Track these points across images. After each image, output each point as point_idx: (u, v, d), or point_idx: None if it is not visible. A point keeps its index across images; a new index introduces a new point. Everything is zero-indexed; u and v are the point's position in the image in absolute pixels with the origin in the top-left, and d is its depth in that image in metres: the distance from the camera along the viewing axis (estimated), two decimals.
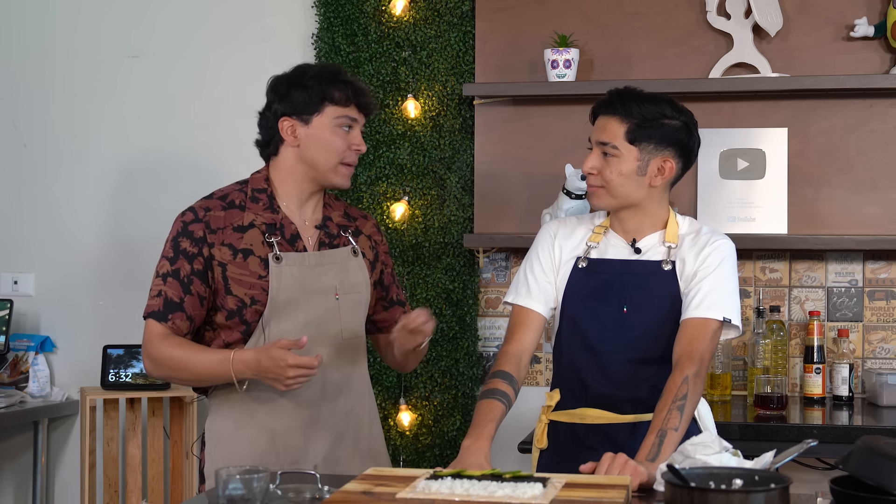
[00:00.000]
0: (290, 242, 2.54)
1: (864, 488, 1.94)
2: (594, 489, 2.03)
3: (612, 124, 2.51)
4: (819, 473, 3.47)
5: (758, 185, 3.66)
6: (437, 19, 3.85)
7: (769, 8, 3.63)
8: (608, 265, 2.55)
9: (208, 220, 2.51)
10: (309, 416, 2.55)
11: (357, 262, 2.62)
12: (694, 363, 2.39)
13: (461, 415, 3.83)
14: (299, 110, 2.54)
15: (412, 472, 2.18)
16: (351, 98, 2.54)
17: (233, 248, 2.50)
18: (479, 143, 3.85)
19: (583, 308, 2.56)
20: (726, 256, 2.52)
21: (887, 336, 3.73)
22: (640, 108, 2.49)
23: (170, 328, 2.48)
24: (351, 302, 2.59)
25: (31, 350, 4.12)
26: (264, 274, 2.48)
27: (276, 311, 2.49)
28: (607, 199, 2.53)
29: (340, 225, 2.64)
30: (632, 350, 2.51)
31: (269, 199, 2.55)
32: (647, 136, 2.49)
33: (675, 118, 2.52)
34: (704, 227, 2.59)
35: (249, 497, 1.95)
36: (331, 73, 2.55)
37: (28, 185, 4.21)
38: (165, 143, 4.13)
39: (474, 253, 3.89)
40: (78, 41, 4.18)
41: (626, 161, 2.49)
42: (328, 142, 2.53)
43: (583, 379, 2.55)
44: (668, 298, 2.50)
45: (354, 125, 2.57)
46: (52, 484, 4.19)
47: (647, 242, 2.56)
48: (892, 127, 3.67)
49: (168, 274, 2.50)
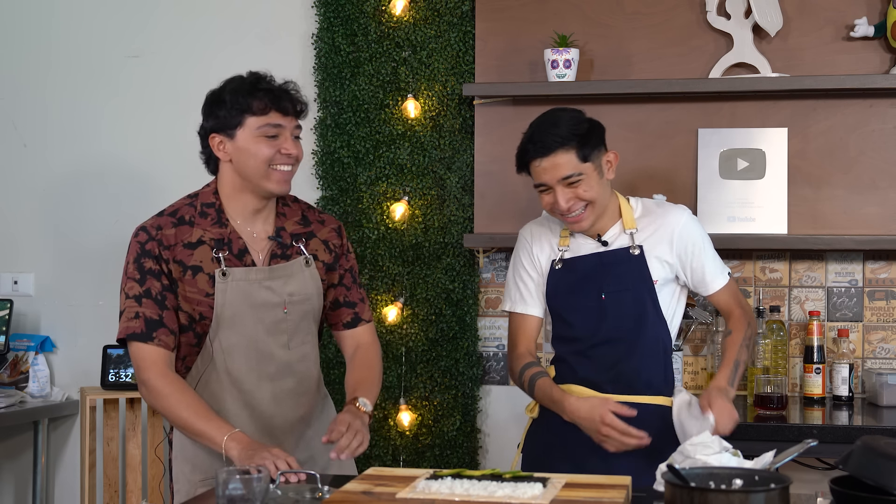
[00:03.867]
0: (237, 257, 2.55)
1: (864, 488, 1.94)
2: (594, 489, 2.04)
3: (561, 159, 2.68)
4: (819, 473, 3.47)
5: (758, 185, 3.66)
6: (437, 19, 3.85)
7: (769, 8, 3.63)
8: (582, 261, 2.80)
9: (160, 238, 2.54)
10: (261, 424, 2.58)
11: (310, 272, 2.62)
12: (746, 312, 2.81)
13: (461, 415, 3.83)
14: (223, 126, 2.56)
15: (412, 472, 2.18)
16: (270, 105, 2.52)
17: (183, 265, 2.52)
18: (479, 143, 3.85)
19: (565, 302, 2.81)
20: (693, 226, 2.80)
21: (887, 336, 3.73)
22: (568, 130, 2.68)
23: (157, 345, 2.49)
24: (300, 312, 2.60)
25: (31, 350, 4.12)
26: (211, 291, 2.51)
27: (223, 325, 2.52)
28: (592, 215, 2.74)
29: (294, 234, 2.64)
30: (610, 332, 2.75)
31: (218, 213, 2.58)
32: (592, 146, 2.71)
33: (583, 120, 2.74)
34: (653, 205, 2.84)
35: (249, 497, 1.95)
36: (249, 84, 2.55)
37: (28, 185, 4.22)
38: (165, 142, 4.12)
39: (474, 253, 3.89)
40: (78, 41, 4.18)
41: (590, 177, 2.70)
42: (253, 152, 2.53)
43: (570, 364, 2.81)
44: (640, 280, 2.75)
45: (281, 130, 2.54)
46: (52, 484, 4.20)
47: (611, 234, 2.80)
48: (892, 127, 3.66)
49: (140, 295, 2.51)
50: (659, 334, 2.78)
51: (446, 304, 3.85)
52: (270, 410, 2.58)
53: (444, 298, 3.85)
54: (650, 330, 2.76)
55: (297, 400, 2.63)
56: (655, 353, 2.78)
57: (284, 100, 2.54)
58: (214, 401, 2.54)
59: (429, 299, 3.85)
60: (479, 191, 3.85)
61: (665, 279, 2.77)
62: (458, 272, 3.85)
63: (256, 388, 2.56)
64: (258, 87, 2.54)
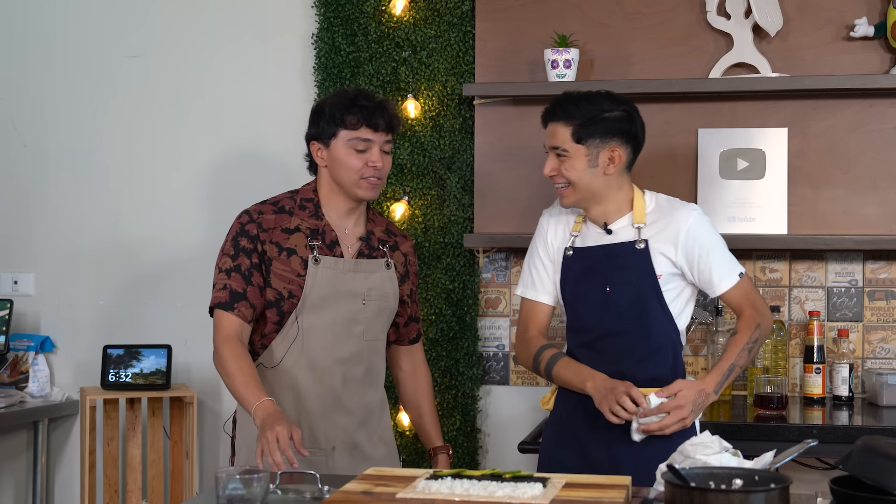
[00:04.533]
0: (329, 247, 2.81)
1: (864, 488, 1.94)
2: (594, 489, 2.04)
3: (559, 129, 2.78)
4: (819, 473, 3.47)
5: (758, 185, 3.66)
6: (437, 19, 3.85)
7: (769, 8, 3.63)
8: (589, 251, 2.83)
9: (261, 221, 2.80)
10: (331, 402, 2.80)
11: (388, 274, 2.88)
12: (758, 312, 2.78)
13: (461, 415, 3.83)
14: (321, 135, 2.82)
15: (412, 472, 2.18)
16: (362, 121, 2.76)
17: (279, 246, 2.78)
18: (479, 143, 3.85)
19: (574, 291, 2.85)
20: (700, 227, 2.79)
21: (887, 336, 3.73)
22: (579, 109, 2.76)
23: (236, 315, 2.72)
24: (376, 308, 2.85)
25: (31, 350, 4.12)
26: (303, 273, 2.76)
27: (309, 307, 2.76)
28: (573, 195, 2.80)
29: (381, 239, 2.91)
30: (614, 325, 2.78)
31: (315, 207, 2.84)
32: (591, 133, 2.75)
33: (613, 110, 2.78)
34: (665, 202, 2.85)
35: (249, 497, 1.95)
36: (348, 99, 2.79)
37: (28, 185, 4.21)
38: (165, 142, 4.13)
39: (474, 253, 3.89)
40: (78, 41, 4.18)
41: (577, 159, 2.76)
42: (344, 162, 2.79)
43: (577, 356, 2.83)
44: (644, 274, 2.76)
45: (370, 144, 2.78)
46: (52, 484, 4.19)
47: (618, 225, 2.82)
48: (892, 127, 3.66)
49: (231, 269, 2.76)
50: (664, 329, 2.78)
51: (446, 304, 3.85)
52: (339, 391, 2.80)
53: (444, 298, 3.85)
54: (655, 325, 2.77)
55: (363, 388, 2.85)
56: (661, 348, 2.78)
57: (377, 116, 2.78)
58: (289, 376, 2.77)
59: (429, 299, 3.85)
60: (479, 191, 3.85)
61: (670, 274, 2.78)
62: (458, 272, 3.85)
63: (329, 368, 2.79)
64: (356, 103, 2.78)
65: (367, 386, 2.86)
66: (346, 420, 2.82)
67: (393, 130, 2.83)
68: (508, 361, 3.93)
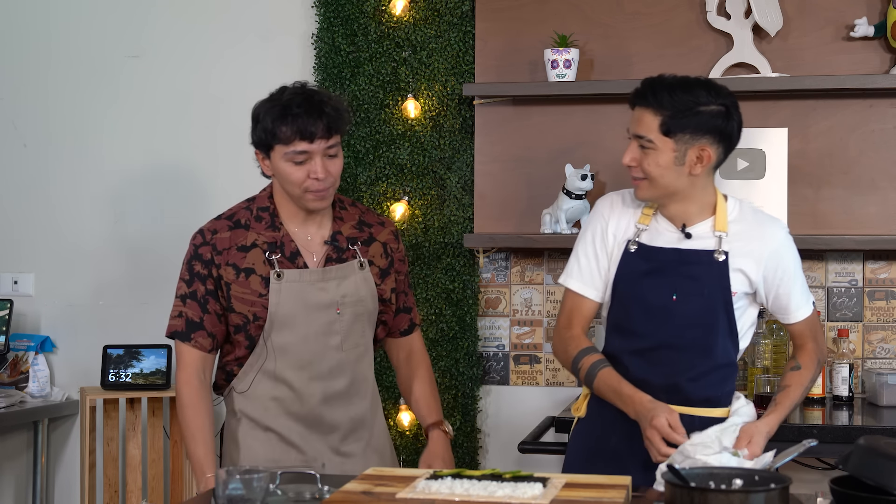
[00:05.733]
0: (290, 259, 2.62)
1: (864, 488, 1.94)
2: (594, 489, 2.03)
3: (646, 117, 2.48)
4: (819, 473, 3.47)
5: (758, 185, 3.66)
6: (437, 19, 3.85)
7: (769, 8, 3.63)
8: (660, 253, 2.54)
9: (214, 242, 2.62)
10: (312, 421, 2.65)
11: (363, 275, 2.68)
12: (819, 348, 2.63)
13: (461, 415, 3.83)
14: (260, 145, 2.60)
15: (412, 472, 2.18)
16: (294, 134, 2.52)
17: (236, 267, 2.61)
18: (479, 143, 3.85)
19: (633, 292, 2.55)
20: (788, 248, 2.58)
21: (887, 336, 3.73)
22: (672, 98, 2.45)
23: (193, 346, 2.61)
24: (353, 314, 2.66)
25: (31, 350, 4.11)
26: (265, 292, 2.59)
27: (277, 326, 2.59)
28: (650, 190, 2.52)
29: (350, 237, 2.70)
30: (675, 337, 2.51)
31: (272, 217, 2.64)
32: (682, 127, 2.45)
33: (710, 104, 2.47)
34: (750, 212, 2.60)
35: (249, 497, 1.95)
36: (280, 108, 2.54)
37: (28, 185, 4.21)
38: (165, 143, 4.12)
39: (474, 253, 3.89)
40: (78, 41, 4.18)
41: (662, 153, 2.47)
42: (285, 176, 2.57)
43: (623, 363, 2.55)
44: (718, 289, 2.50)
45: (308, 156, 2.54)
46: (52, 484, 4.19)
47: (697, 230, 2.54)
48: (892, 127, 3.66)
49: (186, 296, 2.62)
50: (728, 349, 2.54)
51: (446, 304, 3.85)
52: (318, 410, 2.64)
53: (444, 298, 3.85)
54: (720, 343, 2.52)
55: (348, 401, 2.68)
56: (722, 367, 2.55)
57: (311, 125, 2.52)
58: (261, 400, 2.63)
59: (429, 299, 3.84)
60: (479, 191, 3.85)
61: (744, 293, 2.54)
62: (458, 272, 3.85)
63: (306, 388, 2.63)
64: (287, 112, 2.52)
65: (351, 398, 2.69)
66: (331, 437, 2.66)
67: (334, 133, 2.56)
68: (508, 361, 3.93)
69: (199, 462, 2.58)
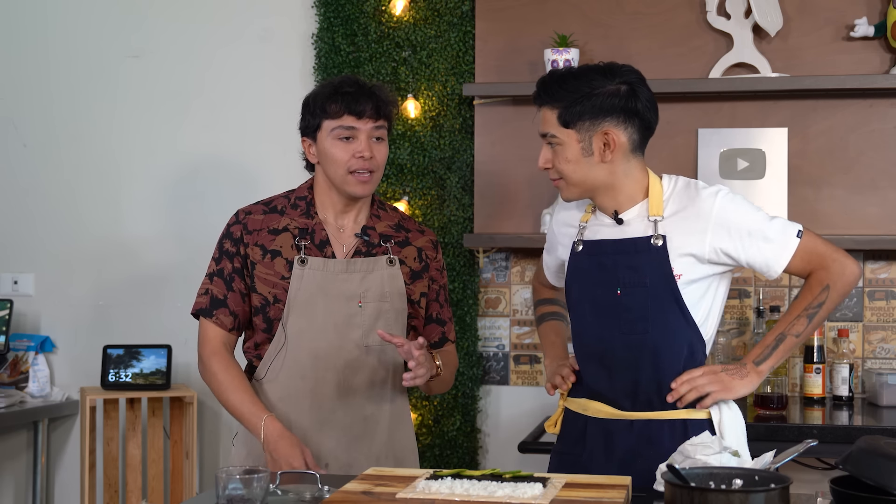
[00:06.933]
0: (318, 247, 2.62)
1: (864, 488, 1.94)
2: (594, 489, 2.03)
3: (546, 114, 2.43)
4: (819, 473, 3.47)
5: (758, 185, 3.66)
6: (437, 19, 3.85)
7: (769, 8, 3.63)
8: (600, 246, 2.44)
9: (246, 222, 2.64)
10: (322, 416, 2.61)
11: (391, 271, 2.64)
12: (826, 269, 2.36)
13: (461, 415, 3.83)
14: (308, 129, 2.64)
15: (412, 472, 2.18)
16: (343, 108, 2.56)
17: (264, 248, 2.62)
18: (479, 143, 3.85)
19: (581, 294, 2.48)
20: (730, 210, 2.37)
21: (887, 336, 3.73)
22: (563, 89, 2.39)
23: (214, 323, 2.61)
24: (376, 310, 2.62)
25: (31, 350, 4.12)
26: (287, 275, 2.59)
27: (295, 311, 2.58)
28: (569, 189, 2.44)
29: (384, 234, 2.68)
30: (626, 334, 2.40)
31: (308, 205, 2.66)
32: (579, 115, 2.37)
33: (604, 85, 2.38)
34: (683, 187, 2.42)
35: (249, 497, 1.95)
36: (331, 88, 2.60)
37: (28, 185, 4.21)
38: (165, 142, 4.13)
39: (474, 253, 3.89)
40: (78, 41, 4.18)
41: (568, 147, 2.40)
42: (330, 154, 2.59)
43: (584, 367, 2.50)
44: (660, 277, 2.37)
45: (355, 133, 2.58)
46: (52, 484, 4.19)
47: (629, 215, 2.42)
48: (892, 127, 3.67)
49: (214, 273, 2.65)
50: (686, 340, 2.39)
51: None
52: (332, 403, 2.60)
53: None
54: (673, 335, 2.38)
55: (366, 396, 2.63)
56: (680, 362, 2.40)
57: (361, 103, 2.56)
58: (277, 387, 2.61)
59: None
60: (479, 191, 3.85)
61: (694, 276, 2.38)
62: (458, 272, 3.85)
63: (322, 378, 2.59)
64: (339, 90, 2.58)
65: (369, 399, 2.62)
66: (338, 435, 2.60)
67: (383, 117, 2.60)
68: (508, 361, 3.93)
69: (249, 411, 2.52)
